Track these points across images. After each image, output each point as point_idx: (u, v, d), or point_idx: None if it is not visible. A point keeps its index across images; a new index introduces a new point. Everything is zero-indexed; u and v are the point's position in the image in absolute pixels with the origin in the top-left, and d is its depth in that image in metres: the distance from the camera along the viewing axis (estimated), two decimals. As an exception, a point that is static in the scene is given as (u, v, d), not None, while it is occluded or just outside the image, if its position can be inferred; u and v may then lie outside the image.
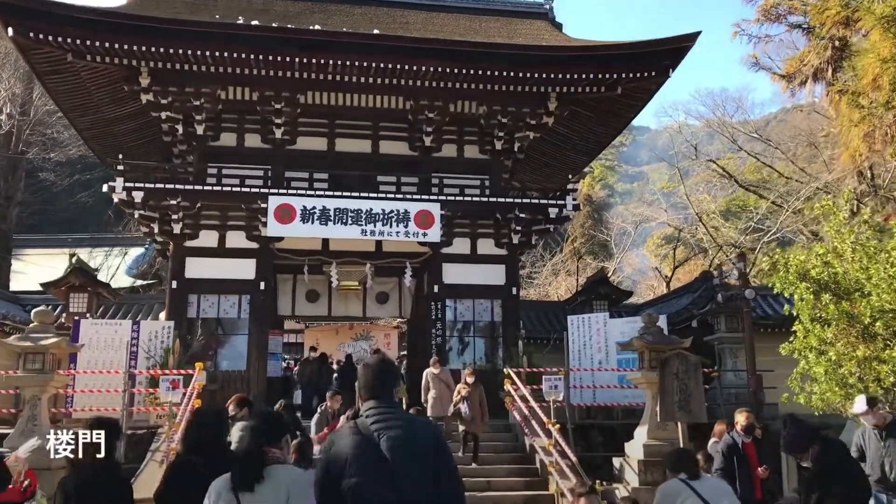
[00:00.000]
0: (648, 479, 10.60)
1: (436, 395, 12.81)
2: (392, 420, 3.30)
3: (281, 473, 3.51)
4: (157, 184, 15.83)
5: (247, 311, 16.49)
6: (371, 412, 3.33)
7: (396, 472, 3.16)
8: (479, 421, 12.01)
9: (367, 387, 3.42)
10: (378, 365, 3.51)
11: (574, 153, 20.13)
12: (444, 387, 12.79)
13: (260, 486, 3.45)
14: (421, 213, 16.33)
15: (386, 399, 3.40)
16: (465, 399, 11.87)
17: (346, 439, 3.26)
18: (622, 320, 15.58)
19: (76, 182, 25.53)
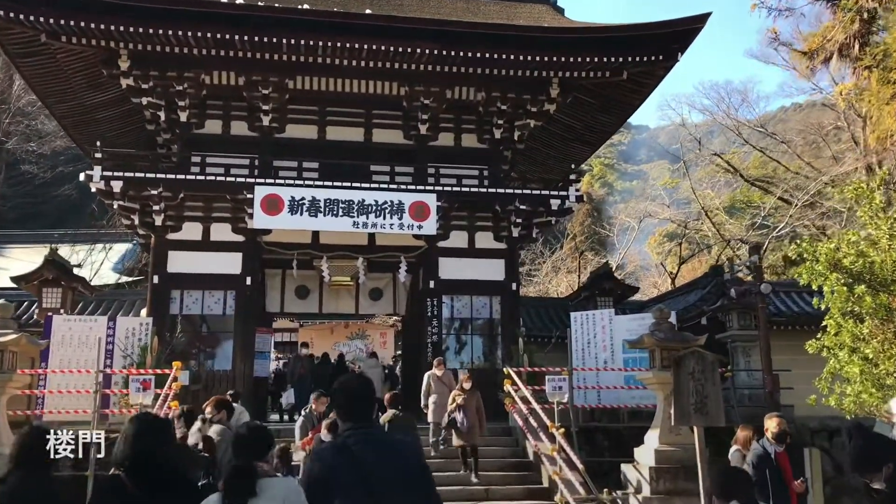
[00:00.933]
0: (661, 488, 9.78)
1: (437, 400, 11.93)
2: (374, 442, 3.33)
3: (275, 486, 3.41)
4: (136, 173, 14.97)
5: (232, 308, 15.65)
6: (351, 433, 3.36)
7: (379, 493, 3.17)
8: (476, 431, 11.07)
9: (344, 409, 3.45)
10: (355, 388, 3.52)
11: (576, 144, 19.29)
12: (447, 390, 11.89)
13: (254, 501, 3.33)
14: (416, 205, 15.49)
15: (364, 420, 3.42)
16: (460, 407, 10.91)
17: (329, 461, 3.29)
18: (628, 317, 14.74)
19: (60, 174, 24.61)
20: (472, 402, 11.03)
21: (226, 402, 7.48)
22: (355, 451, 3.25)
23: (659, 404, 10.45)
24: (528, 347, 14.30)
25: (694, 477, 9.84)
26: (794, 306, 16.36)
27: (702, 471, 9.00)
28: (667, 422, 10.17)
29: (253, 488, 3.32)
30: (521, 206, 16.08)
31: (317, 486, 3.24)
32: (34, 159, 25.26)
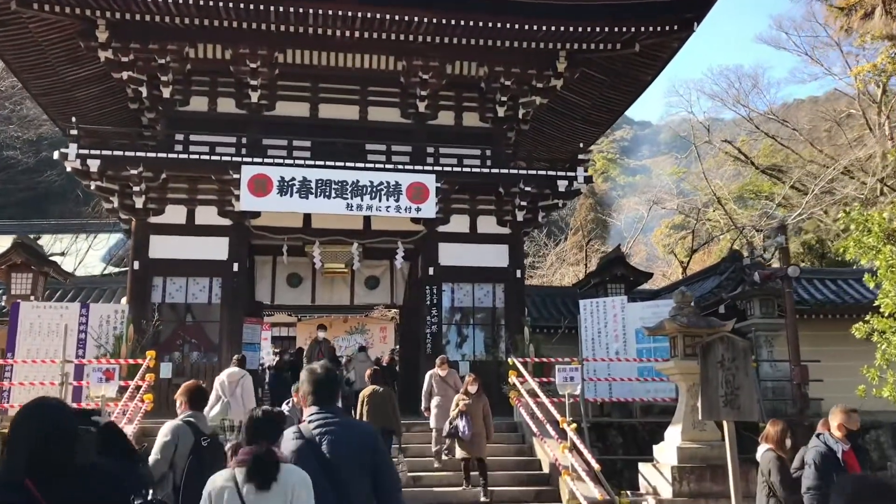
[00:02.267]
0: (684, 490, 8.80)
1: (441, 403, 10.67)
2: (333, 425, 3.57)
3: (287, 474, 3.39)
4: (115, 151, 13.99)
5: (219, 296, 14.69)
6: (314, 417, 3.61)
7: (336, 472, 3.44)
8: (483, 442, 9.69)
9: (310, 393, 3.67)
10: (321, 373, 3.73)
11: (584, 124, 18.28)
12: (452, 393, 10.63)
13: (275, 483, 3.32)
14: (414, 186, 14.51)
15: (327, 405, 3.67)
16: (463, 414, 9.57)
17: (290, 444, 3.53)
18: (642, 304, 13.75)
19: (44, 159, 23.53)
20: (477, 407, 9.75)
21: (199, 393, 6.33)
22: (317, 434, 3.53)
23: (681, 397, 9.47)
24: (535, 337, 13.31)
25: (721, 478, 8.86)
26: (818, 294, 15.38)
27: (733, 471, 8.02)
28: (690, 416, 9.22)
29: (277, 473, 3.29)
30: (525, 188, 15.09)
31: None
32: (19, 144, 24.28)
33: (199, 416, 5.20)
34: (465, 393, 9.95)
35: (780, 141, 29.36)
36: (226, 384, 10.61)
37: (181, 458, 4.93)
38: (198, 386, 5.44)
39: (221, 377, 10.82)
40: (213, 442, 5.07)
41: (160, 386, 13.83)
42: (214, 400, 10.43)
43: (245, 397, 10.49)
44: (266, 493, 3.28)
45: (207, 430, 5.16)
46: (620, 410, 13.79)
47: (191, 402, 5.24)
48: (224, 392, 10.54)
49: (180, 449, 4.95)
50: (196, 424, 5.09)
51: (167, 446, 4.94)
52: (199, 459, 4.90)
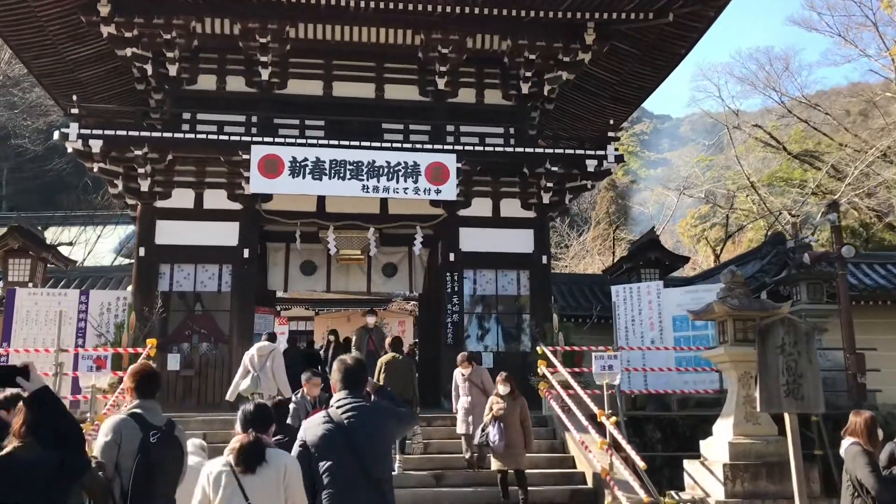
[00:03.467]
0: (737, 490, 7.90)
1: (468, 406, 9.47)
2: (359, 409, 3.95)
3: (277, 457, 3.77)
4: (119, 131, 13.26)
5: (229, 284, 13.95)
6: (342, 402, 3.98)
7: (363, 452, 3.79)
8: (521, 451, 8.50)
9: (341, 380, 4.07)
10: (350, 363, 4.14)
11: (612, 103, 17.30)
12: (478, 393, 9.42)
13: (261, 469, 3.69)
14: (433, 167, 13.66)
15: (355, 391, 4.05)
16: (496, 421, 8.39)
17: (319, 428, 3.89)
18: (680, 290, 12.83)
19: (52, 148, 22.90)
20: (513, 412, 8.56)
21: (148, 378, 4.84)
22: (345, 418, 3.87)
23: (731, 387, 8.56)
24: (564, 326, 12.40)
25: (779, 477, 7.95)
26: (868, 279, 14.36)
27: (797, 469, 7.12)
28: (742, 408, 8.34)
29: (263, 457, 3.68)
30: (552, 168, 14.18)
31: (309, 449, 3.84)
32: (27, 133, 23.69)
33: (148, 407, 4.33)
34: (498, 395, 8.74)
35: (814, 125, 28.12)
36: (255, 358, 10.41)
37: (127, 459, 4.10)
38: (146, 369, 4.56)
39: (251, 351, 10.63)
40: (164, 435, 4.24)
41: (167, 379, 13.16)
42: (243, 374, 10.42)
43: (276, 371, 10.29)
44: (256, 474, 3.66)
45: (159, 420, 4.31)
46: (655, 403, 12.89)
47: (139, 390, 4.38)
48: (253, 366, 10.37)
49: (125, 448, 4.11)
50: (144, 416, 4.23)
51: (108, 447, 4.11)
52: (147, 458, 4.09)
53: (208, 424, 10.34)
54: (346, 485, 3.72)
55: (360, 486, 3.73)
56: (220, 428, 9.90)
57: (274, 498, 3.68)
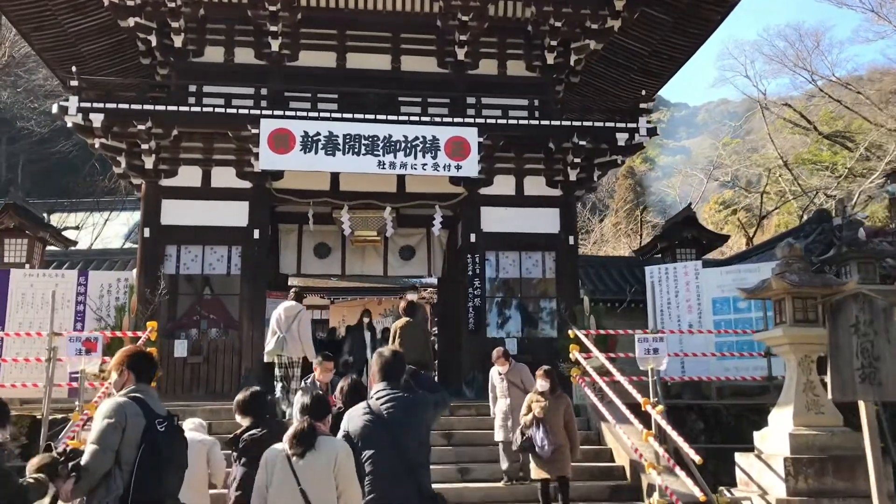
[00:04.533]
0: (801, 487, 7.06)
1: (507, 409, 8.47)
2: (397, 399, 4.11)
3: (329, 445, 3.92)
4: (121, 104, 12.54)
5: (238, 266, 13.22)
6: (381, 393, 4.15)
7: (401, 441, 3.99)
8: (567, 457, 7.51)
9: (379, 372, 4.24)
10: (388, 356, 4.31)
11: (641, 75, 16.37)
12: (519, 395, 8.42)
13: (312, 454, 3.82)
14: (453, 141, 12.85)
15: (394, 383, 4.21)
16: (539, 422, 7.45)
17: (360, 419, 4.08)
18: (720, 270, 11.94)
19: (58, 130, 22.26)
20: (557, 411, 7.60)
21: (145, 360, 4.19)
22: (385, 409, 4.07)
23: (790, 372, 7.71)
24: (595, 309, 11.56)
25: (847, 472, 7.09)
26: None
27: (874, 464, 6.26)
28: (803, 396, 7.50)
29: (313, 442, 3.84)
30: (580, 142, 13.33)
31: (350, 439, 4.04)
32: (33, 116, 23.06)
33: (149, 392, 3.63)
34: (538, 393, 7.76)
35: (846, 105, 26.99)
36: (282, 318, 10.01)
37: (130, 449, 3.36)
38: (142, 352, 3.86)
39: (278, 311, 10.20)
40: (170, 426, 3.50)
41: (174, 366, 12.54)
42: (270, 335, 10.12)
43: (302, 332, 9.95)
44: (308, 460, 3.78)
45: (161, 409, 3.58)
46: (691, 391, 12.01)
47: (137, 372, 3.66)
48: (280, 327, 9.99)
49: (129, 435, 3.37)
50: (146, 402, 3.51)
51: (111, 431, 3.37)
52: (153, 450, 3.34)
53: (215, 414, 9.63)
54: (386, 472, 3.92)
55: (399, 474, 3.93)
56: (227, 418, 9.17)
57: (325, 483, 3.78)
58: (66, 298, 10.37)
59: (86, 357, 7.45)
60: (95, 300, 10.79)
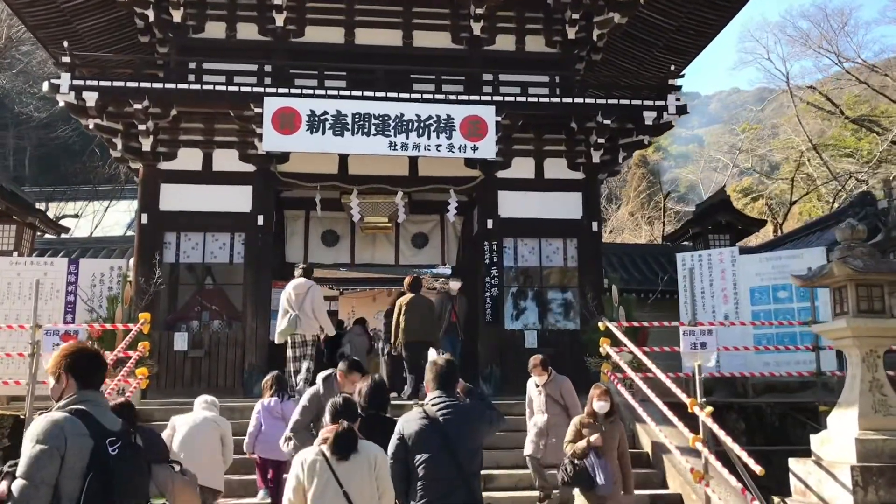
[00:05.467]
0: (871, 499, 6.26)
1: (544, 426, 7.32)
2: (453, 407, 4.16)
3: (368, 448, 3.90)
4: (116, 82, 11.78)
5: (241, 255, 12.48)
6: (437, 400, 4.22)
7: (455, 447, 4.01)
8: (629, 489, 6.51)
9: (434, 380, 4.32)
10: (443, 365, 4.38)
11: (666, 53, 15.44)
12: (559, 412, 7.25)
13: (354, 457, 3.80)
14: (469, 120, 12.03)
15: (449, 391, 4.29)
16: (593, 451, 6.21)
17: (415, 423, 4.12)
18: (759, 256, 11.13)
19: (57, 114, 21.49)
20: (613, 439, 6.43)
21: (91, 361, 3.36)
22: (441, 415, 4.11)
23: (852, 368, 6.88)
24: (624, 299, 10.73)
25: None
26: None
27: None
28: (869, 395, 6.67)
29: (356, 445, 3.84)
30: (604, 122, 12.49)
31: (406, 442, 4.09)
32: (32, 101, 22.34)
33: (97, 402, 2.84)
34: (590, 416, 6.55)
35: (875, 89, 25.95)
36: (292, 296, 9.76)
37: (71, 480, 2.57)
38: (85, 350, 3.06)
39: (287, 289, 9.93)
40: (125, 445, 2.72)
41: (173, 360, 11.84)
42: (282, 314, 9.84)
43: (316, 309, 9.71)
44: (349, 462, 3.80)
45: (113, 422, 2.80)
46: (725, 388, 11.21)
47: (79, 375, 2.88)
48: (291, 305, 9.72)
49: (70, 461, 2.59)
50: (92, 416, 2.72)
51: (44, 459, 2.58)
52: (104, 478, 2.57)
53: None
54: (438, 477, 3.96)
55: (451, 480, 3.97)
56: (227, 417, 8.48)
57: (367, 485, 3.81)
58: (56, 288, 9.69)
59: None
60: (87, 290, 10.08)
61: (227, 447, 7.00)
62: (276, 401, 7.52)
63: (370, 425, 4.44)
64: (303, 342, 9.82)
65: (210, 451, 6.84)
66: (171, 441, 6.75)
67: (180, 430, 6.87)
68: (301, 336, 9.80)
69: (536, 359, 7.52)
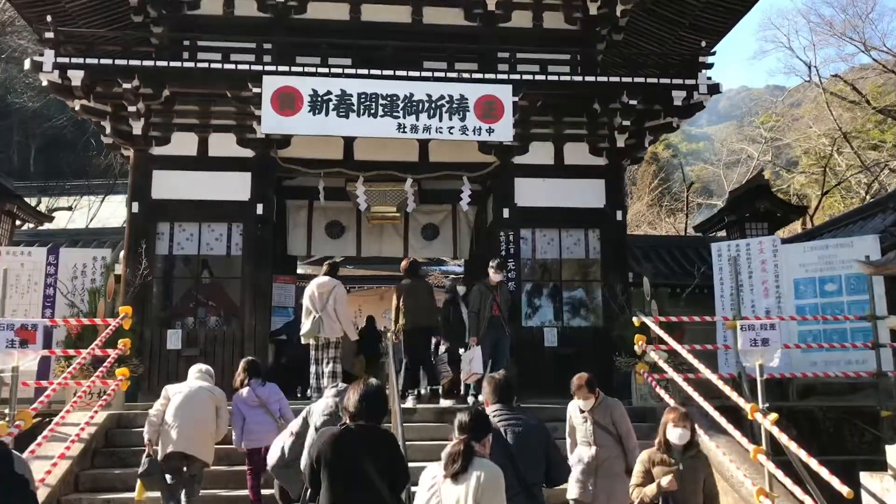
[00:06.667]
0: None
1: (593, 461, 5.76)
2: (514, 420, 4.41)
3: (483, 465, 3.67)
4: (104, 59, 10.92)
5: (240, 246, 11.62)
6: (498, 413, 4.41)
7: (518, 458, 4.16)
8: None
9: (493, 394, 4.53)
10: (500, 380, 4.62)
11: (692, 32, 14.46)
12: (612, 444, 5.78)
13: (462, 477, 3.61)
14: (484, 101, 11.14)
15: (508, 403, 4.56)
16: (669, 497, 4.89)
17: None
18: (804, 245, 10.17)
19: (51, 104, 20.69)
20: (695, 478, 5.04)
21: None
22: (502, 426, 4.29)
23: (937, 369, 5.93)
24: (657, 293, 9.79)
25: None
26: None
27: None
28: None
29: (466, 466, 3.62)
30: (629, 102, 11.57)
31: None
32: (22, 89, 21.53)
33: None
34: (663, 448, 5.11)
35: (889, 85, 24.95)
36: (315, 296, 9.42)
37: None
38: None
39: (311, 288, 9.59)
40: None
41: (166, 359, 11.00)
42: (305, 314, 9.51)
43: (339, 310, 9.37)
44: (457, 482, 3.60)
45: None
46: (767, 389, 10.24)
47: None
48: (314, 306, 9.38)
49: None
50: None
51: None
52: None
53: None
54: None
55: (515, 488, 3.98)
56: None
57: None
58: (34, 280, 8.84)
59: (20, 351, 5.83)
60: (68, 282, 9.23)
61: (221, 418, 6.92)
62: (249, 391, 7.20)
63: (356, 441, 3.76)
64: (326, 345, 9.46)
65: (202, 422, 6.74)
66: (164, 411, 6.66)
67: (174, 400, 6.74)
68: (325, 339, 9.42)
69: (581, 378, 5.92)
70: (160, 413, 6.67)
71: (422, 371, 10.26)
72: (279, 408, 7.13)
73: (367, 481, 3.68)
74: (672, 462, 4.98)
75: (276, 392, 7.27)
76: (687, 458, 5.01)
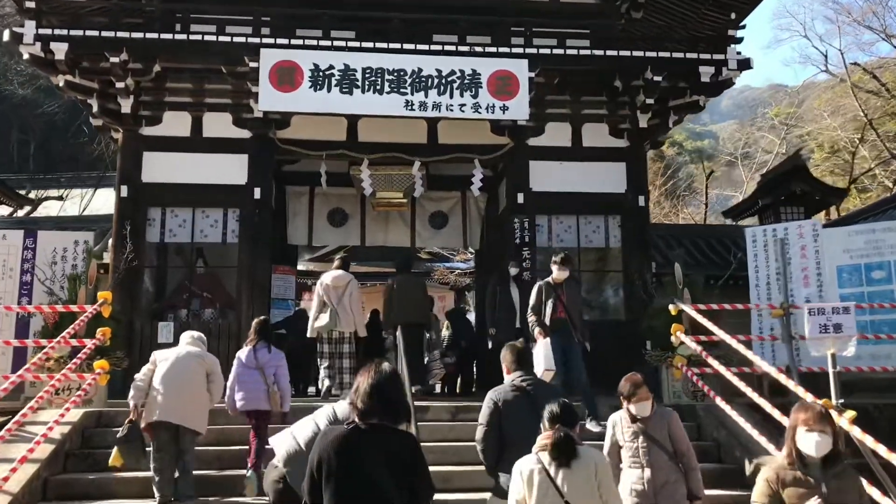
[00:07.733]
0: None
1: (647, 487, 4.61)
2: (535, 382, 4.75)
3: (588, 454, 3.80)
4: (89, 31, 10.16)
5: (236, 233, 10.86)
6: (522, 377, 4.72)
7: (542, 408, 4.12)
8: None
9: (514, 362, 4.81)
10: (521, 348, 4.92)
11: (715, 10, 13.63)
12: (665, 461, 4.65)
13: (574, 464, 3.72)
14: (498, 76, 10.40)
15: (528, 370, 4.87)
16: None
17: (509, 394, 4.61)
18: (848, 230, 9.38)
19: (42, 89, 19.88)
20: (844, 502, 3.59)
21: None
22: (527, 387, 4.63)
23: None
24: (690, 281, 8.98)
25: None
26: None
27: None
28: None
29: (575, 452, 3.76)
30: (654, 78, 10.79)
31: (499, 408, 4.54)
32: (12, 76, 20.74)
33: None
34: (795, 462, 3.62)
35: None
36: (331, 289, 9.18)
37: None
38: None
39: (325, 280, 9.29)
40: None
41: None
42: (319, 308, 9.26)
43: (353, 306, 9.16)
44: (570, 470, 3.69)
45: None
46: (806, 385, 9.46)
47: None
48: (330, 299, 9.14)
49: None
50: None
51: None
52: None
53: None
54: (527, 436, 4.00)
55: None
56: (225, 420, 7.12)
57: (588, 494, 3.69)
58: (9, 266, 8.09)
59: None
60: (46, 268, 8.48)
61: (214, 384, 6.57)
62: (249, 352, 6.94)
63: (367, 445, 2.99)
64: (339, 338, 9.20)
65: (192, 389, 6.38)
66: (151, 377, 6.35)
67: (161, 366, 6.40)
68: (339, 332, 9.16)
69: (636, 377, 4.76)
70: (147, 378, 6.32)
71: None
72: (274, 373, 6.79)
73: (381, 495, 2.91)
74: (810, 481, 3.56)
75: (279, 359, 6.93)
76: (831, 475, 3.57)
